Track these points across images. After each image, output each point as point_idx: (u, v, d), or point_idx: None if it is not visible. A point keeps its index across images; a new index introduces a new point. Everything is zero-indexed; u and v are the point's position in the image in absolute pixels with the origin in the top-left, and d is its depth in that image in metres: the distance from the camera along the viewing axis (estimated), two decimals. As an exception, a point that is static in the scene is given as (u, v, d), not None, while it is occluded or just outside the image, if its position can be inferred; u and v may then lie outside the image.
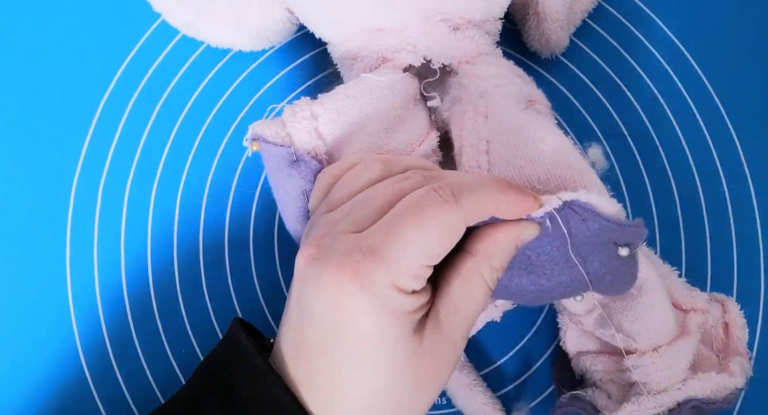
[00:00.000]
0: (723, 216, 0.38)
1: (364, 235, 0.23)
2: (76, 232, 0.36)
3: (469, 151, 0.30)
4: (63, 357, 0.35)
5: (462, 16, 0.32)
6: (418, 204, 0.24)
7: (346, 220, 0.25)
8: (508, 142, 0.30)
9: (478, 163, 0.30)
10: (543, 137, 0.29)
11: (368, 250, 0.23)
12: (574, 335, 0.34)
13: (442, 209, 0.23)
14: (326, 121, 0.30)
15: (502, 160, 0.30)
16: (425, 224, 0.23)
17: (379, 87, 0.31)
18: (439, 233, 0.23)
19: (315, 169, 0.28)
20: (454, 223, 0.24)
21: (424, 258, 0.23)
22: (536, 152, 0.29)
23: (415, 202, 0.24)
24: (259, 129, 0.29)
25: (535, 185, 0.29)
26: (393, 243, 0.23)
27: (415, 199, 0.24)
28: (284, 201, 0.29)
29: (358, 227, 0.24)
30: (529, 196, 0.25)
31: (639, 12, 0.40)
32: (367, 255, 0.23)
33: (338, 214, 0.26)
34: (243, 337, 0.25)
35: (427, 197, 0.24)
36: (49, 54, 0.38)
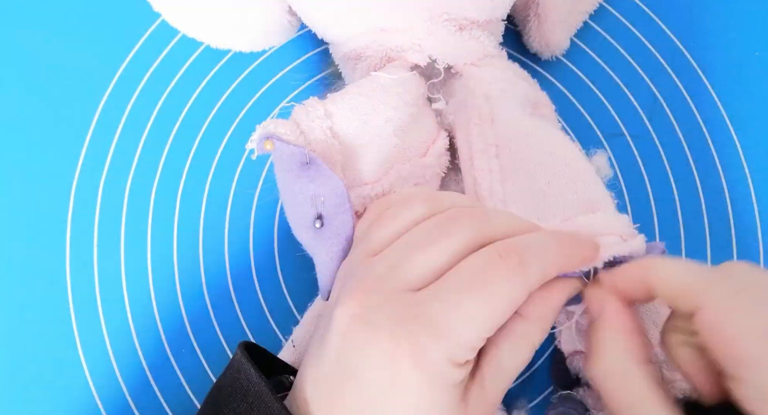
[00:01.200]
0: (723, 216, 0.38)
1: (419, 300, 0.22)
2: (76, 232, 0.36)
3: (479, 157, 0.30)
4: (63, 357, 0.35)
5: (467, 16, 0.32)
6: (483, 275, 0.22)
7: (394, 275, 0.23)
8: (517, 147, 0.30)
9: (490, 167, 0.30)
10: (550, 142, 0.30)
11: (425, 321, 0.21)
12: (569, 335, 0.34)
13: (510, 282, 0.22)
14: (340, 119, 0.29)
15: (511, 165, 0.30)
16: (490, 298, 0.22)
17: (391, 85, 0.30)
18: (504, 307, 0.22)
19: (326, 173, 0.27)
20: (520, 296, 0.22)
21: (484, 332, 0.22)
22: (545, 157, 0.29)
23: (479, 272, 0.22)
24: (272, 128, 0.28)
25: (545, 189, 0.29)
26: (453, 317, 0.21)
27: (478, 265, 0.22)
28: (291, 204, 0.28)
29: (409, 285, 0.23)
30: (590, 248, 0.24)
31: (639, 12, 0.40)
32: (425, 326, 0.21)
33: (382, 265, 0.24)
34: (252, 373, 0.24)
35: (493, 267, 0.22)
36: (50, 54, 0.38)
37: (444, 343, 0.21)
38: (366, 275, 0.24)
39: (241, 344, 0.26)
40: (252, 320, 0.36)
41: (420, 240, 0.24)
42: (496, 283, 0.22)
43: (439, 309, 0.21)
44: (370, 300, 0.22)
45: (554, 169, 0.29)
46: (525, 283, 0.22)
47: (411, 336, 0.21)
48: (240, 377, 0.24)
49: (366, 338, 0.22)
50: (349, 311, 0.22)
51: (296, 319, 0.36)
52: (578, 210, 0.29)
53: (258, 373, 0.24)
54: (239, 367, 0.25)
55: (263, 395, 0.23)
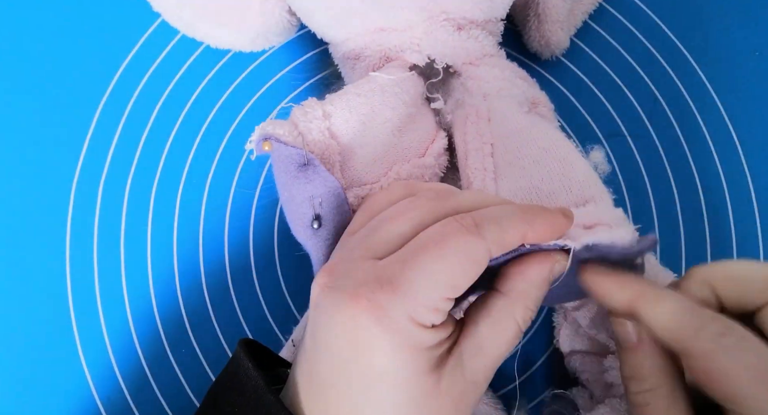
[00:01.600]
0: (723, 216, 0.38)
1: (381, 264, 0.22)
2: (76, 232, 0.36)
3: (474, 155, 0.30)
4: (63, 357, 0.35)
5: (465, 16, 0.32)
6: (438, 234, 0.22)
7: (362, 245, 0.24)
8: (512, 145, 0.30)
9: (484, 166, 0.30)
10: (546, 139, 0.30)
11: (385, 280, 0.22)
12: (567, 335, 0.34)
13: (464, 239, 0.22)
14: (339, 120, 0.29)
15: (506, 163, 0.30)
16: (446, 254, 0.22)
17: (390, 85, 0.30)
18: (461, 263, 0.22)
19: (323, 174, 0.27)
20: (477, 253, 0.22)
21: (444, 290, 0.22)
22: (540, 153, 0.29)
23: (435, 232, 0.22)
24: (271, 129, 0.28)
25: (540, 186, 0.29)
26: (411, 274, 0.21)
27: (436, 229, 0.23)
28: (289, 205, 0.28)
29: (375, 253, 0.23)
30: (558, 214, 0.24)
31: (639, 12, 0.40)
32: (384, 285, 0.21)
33: (355, 238, 0.25)
34: (250, 368, 0.24)
35: (448, 227, 0.22)
36: (49, 54, 0.38)
37: (402, 299, 0.21)
38: (340, 250, 0.25)
39: (241, 340, 0.26)
40: (252, 319, 0.36)
41: (389, 214, 0.24)
42: (451, 240, 0.22)
43: (398, 269, 0.22)
44: (337, 269, 0.23)
45: (549, 167, 0.29)
46: (481, 242, 0.22)
47: (371, 294, 0.21)
48: (239, 371, 0.25)
49: (331, 304, 0.22)
50: (319, 282, 0.23)
51: (296, 319, 0.36)
52: (572, 207, 0.29)
53: (256, 368, 0.24)
54: (239, 363, 0.25)
55: (259, 388, 0.23)
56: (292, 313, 0.36)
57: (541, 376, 0.36)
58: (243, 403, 0.24)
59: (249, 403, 0.24)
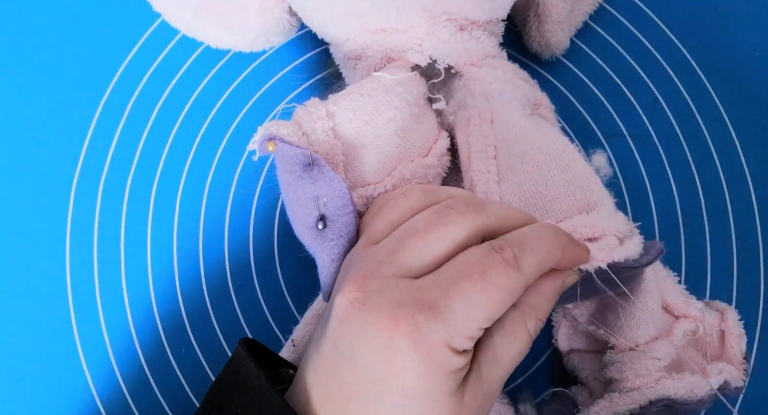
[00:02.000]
0: (723, 216, 0.38)
1: (418, 286, 0.22)
2: (76, 232, 0.36)
3: (478, 157, 0.30)
4: (63, 358, 0.35)
5: (467, 17, 0.32)
6: (480, 266, 0.23)
7: (392, 261, 0.23)
8: (515, 148, 0.30)
9: (488, 168, 0.30)
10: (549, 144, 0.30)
11: (425, 305, 0.22)
12: (565, 334, 0.34)
13: (506, 273, 0.22)
14: (342, 120, 0.29)
15: (509, 167, 0.30)
16: (487, 287, 0.22)
17: (393, 85, 0.30)
18: (501, 297, 0.22)
19: (328, 174, 0.27)
20: (517, 288, 0.23)
21: (482, 321, 0.22)
22: (543, 158, 0.29)
23: (477, 263, 0.23)
24: (275, 129, 0.27)
25: (543, 191, 0.29)
26: (452, 303, 0.22)
27: (477, 259, 0.23)
28: (293, 205, 0.28)
29: (408, 271, 0.23)
30: (583, 248, 0.25)
31: (639, 12, 0.40)
32: (423, 310, 0.22)
33: (381, 251, 0.24)
34: (252, 367, 0.24)
35: (489, 259, 0.23)
36: (49, 54, 0.38)
37: (442, 326, 0.22)
38: (366, 263, 0.24)
39: (241, 340, 0.26)
40: (252, 320, 0.36)
41: (418, 228, 0.24)
42: (494, 274, 0.22)
43: (438, 295, 0.22)
44: (369, 285, 0.23)
45: (552, 172, 0.29)
46: (521, 274, 0.23)
47: (410, 317, 0.21)
48: (240, 371, 0.25)
49: (364, 321, 0.22)
50: (348, 296, 0.23)
51: (296, 319, 0.36)
52: (575, 212, 0.29)
53: (258, 367, 0.24)
54: (239, 362, 0.25)
55: (263, 388, 0.23)
56: (292, 313, 0.36)
57: (544, 373, 0.36)
58: (246, 403, 0.24)
59: (252, 403, 0.24)
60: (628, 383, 0.30)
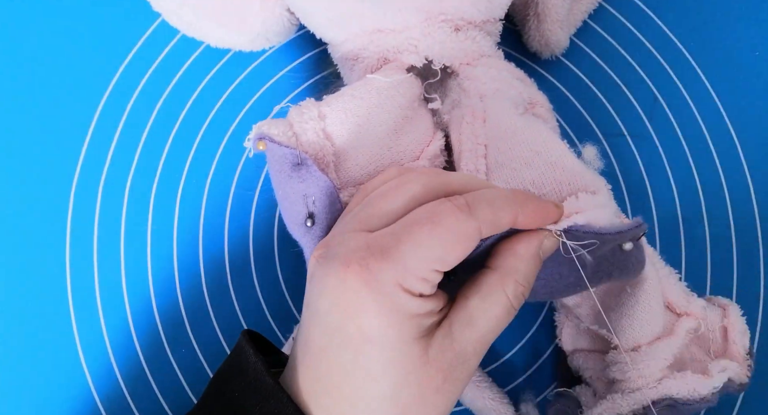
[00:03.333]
0: (723, 216, 0.38)
1: (374, 235, 0.23)
2: (76, 232, 0.36)
3: (467, 156, 0.30)
4: (63, 358, 0.35)
5: (463, 17, 0.32)
6: (431, 211, 0.23)
7: (356, 219, 0.25)
8: (505, 147, 0.30)
9: (476, 167, 0.30)
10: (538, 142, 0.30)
11: (377, 248, 0.22)
12: (569, 333, 0.34)
13: (457, 218, 0.23)
14: (334, 121, 0.29)
15: (498, 164, 0.30)
16: (437, 230, 0.22)
17: (386, 87, 0.31)
18: (451, 239, 0.23)
19: (315, 174, 0.28)
20: (468, 231, 0.23)
21: (433, 262, 0.23)
22: (531, 156, 0.29)
23: (428, 210, 0.23)
24: (266, 128, 0.28)
25: (530, 188, 0.29)
26: (402, 244, 0.22)
27: (429, 208, 0.23)
28: (284, 203, 0.29)
29: (368, 225, 0.24)
30: (549, 204, 0.25)
31: (639, 12, 0.40)
32: (374, 253, 0.22)
33: (349, 215, 0.25)
34: (251, 353, 0.25)
35: (441, 206, 0.23)
36: (50, 54, 0.38)
37: (392, 265, 0.22)
38: (336, 227, 0.26)
39: (244, 331, 0.27)
40: (251, 319, 0.36)
41: (381, 190, 0.25)
42: (444, 216, 0.23)
43: (389, 239, 0.23)
44: (332, 241, 0.24)
45: (539, 170, 0.29)
46: (472, 218, 0.23)
47: (361, 260, 0.22)
48: (240, 358, 0.25)
49: (324, 272, 0.23)
50: (315, 254, 0.24)
51: (296, 318, 0.36)
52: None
53: (256, 353, 0.25)
54: (240, 350, 0.25)
55: (259, 372, 0.24)
56: (291, 312, 0.36)
57: (547, 372, 0.36)
58: (244, 387, 0.24)
59: (249, 387, 0.24)
60: (630, 384, 0.30)
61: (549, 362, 0.36)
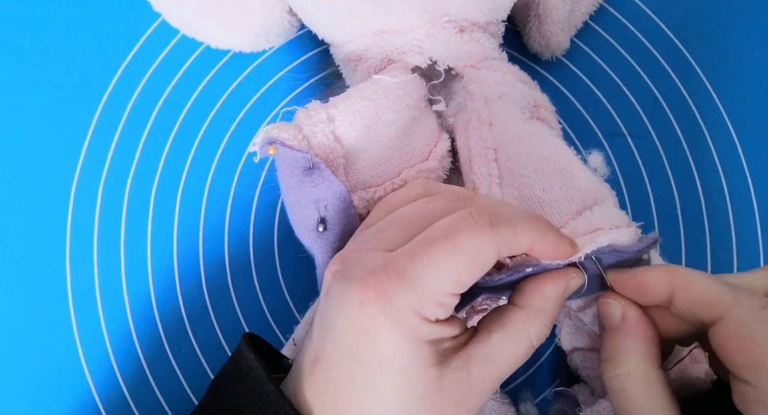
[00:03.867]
0: (723, 216, 0.38)
1: (392, 255, 0.23)
2: (76, 232, 0.36)
3: (478, 161, 0.30)
4: (63, 357, 0.35)
5: (467, 18, 0.32)
6: (451, 228, 0.22)
7: (376, 237, 0.24)
8: (513, 152, 0.30)
9: (489, 171, 0.30)
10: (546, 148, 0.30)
11: (394, 271, 0.22)
12: (568, 333, 0.34)
13: (476, 235, 0.22)
14: (343, 123, 0.29)
15: (508, 170, 0.30)
16: (455, 249, 0.22)
17: (393, 88, 0.30)
18: (470, 260, 0.22)
19: (329, 178, 0.27)
20: (486, 251, 0.22)
21: (450, 285, 0.22)
22: (540, 162, 0.29)
23: (448, 226, 0.22)
24: (275, 132, 0.28)
25: (540, 195, 0.29)
26: (419, 267, 0.22)
27: (449, 222, 0.23)
28: (294, 208, 0.28)
29: (389, 245, 0.23)
30: (566, 240, 0.24)
31: (639, 12, 0.40)
32: (391, 276, 0.22)
33: (370, 231, 0.25)
34: (252, 358, 0.24)
35: (461, 221, 0.22)
36: (50, 54, 0.38)
37: (409, 291, 0.22)
38: (353, 241, 0.25)
39: (244, 334, 0.26)
40: (251, 319, 0.36)
41: (406, 210, 0.25)
42: (462, 235, 0.22)
43: (406, 261, 0.22)
44: (350, 258, 0.24)
45: (549, 176, 0.29)
46: (491, 238, 0.22)
47: (378, 284, 0.22)
48: (241, 363, 0.25)
49: (341, 290, 0.23)
50: (331, 269, 0.24)
51: (296, 319, 0.36)
52: (573, 216, 0.29)
53: (257, 358, 0.24)
54: (241, 354, 0.25)
55: (260, 378, 0.24)
56: (292, 313, 0.36)
57: (546, 372, 0.36)
58: (244, 393, 0.24)
59: (250, 393, 0.24)
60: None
61: (548, 362, 0.36)
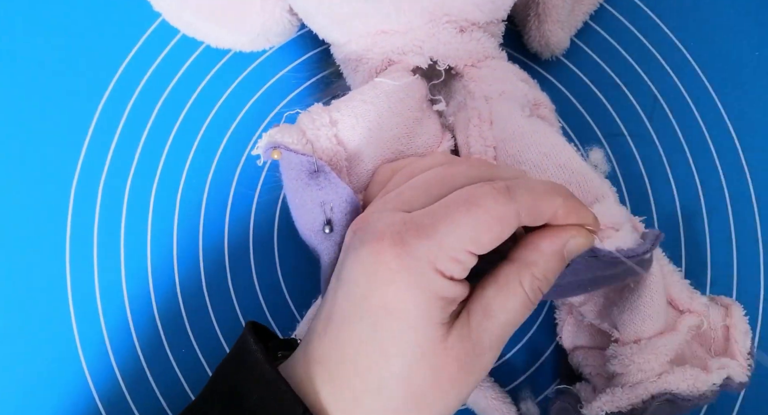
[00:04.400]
0: (723, 216, 0.38)
1: (412, 214, 0.23)
2: (76, 232, 0.36)
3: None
4: (63, 358, 0.35)
5: (467, 18, 0.32)
6: (471, 194, 0.23)
7: (397, 198, 0.25)
8: (513, 149, 0.30)
9: None
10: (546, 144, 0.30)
11: (413, 225, 0.22)
12: (569, 331, 0.35)
13: (495, 200, 0.22)
14: (346, 127, 0.29)
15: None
16: (475, 210, 0.22)
17: (395, 91, 0.31)
18: (489, 221, 0.22)
19: (334, 181, 0.27)
20: (506, 215, 0.23)
21: (468, 243, 0.22)
22: (540, 158, 0.29)
23: (469, 192, 0.23)
24: (279, 137, 0.28)
25: None
26: (440, 223, 0.22)
27: (470, 190, 0.23)
28: (299, 210, 0.28)
29: (409, 206, 0.24)
30: (589, 210, 0.24)
31: (639, 12, 0.40)
32: (411, 229, 0.22)
33: (391, 195, 0.25)
34: (251, 342, 0.25)
35: (480, 188, 0.23)
36: (49, 54, 0.38)
37: (426, 242, 0.22)
38: (376, 203, 0.25)
39: (248, 322, 0.27)
40: (251, 318, 0.36)
41: (427, 176, 0.25)
42: (482, 198, 0.23)
43: (426, 218, 0.23)
44: (371, 217, 0.24)
45: (549, 172, 0.29)
46: (510, 202, 0.23)
47: (396, 235, 0.22)
48: (241, 348, 0.25)
49: (359, 245, 0.23)
50: (352, 228, 0.24)
51: (296, 318, 0.36)
52: None
53: (257, 341, 0.25)
54: (243, 340, 0.25)
55: (258, 360, 0.24)
56: (291, 312, 0.36)
57: (548, 370, 0.36)
58: (244, 376, 0.24)
59: (249, 375, 0.24)
60: (630, 377, 0.30)
61: (549, 361, 0.36)
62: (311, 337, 0.24)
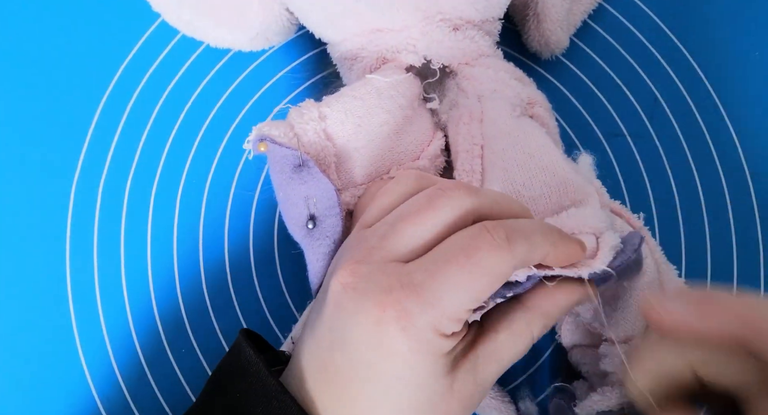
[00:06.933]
0: (723, 216, 0.38)
1: (407, 270, 0.23)
2: (76, 232, 0.36)
3: (463, 156, 0.31)
4: (63, 358, 0.35)
5: (461, 16, 0.32)
6: (469, 246, 0.22)
7: (383, 246, 0.24)
8: (499, 147, 0.30)
9: (472, 167, 0.30)
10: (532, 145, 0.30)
11: (411, 288, 0.22)
12: (568, 329, 0.35)
13: (496, 255, 0.22)
14: (334, 122, 0.29)
15: (492, 165, 0.30)
16: (475, 269, 0.22)
17: (386, 88, 0.31)
18: (489, 278, 0.22)
19: (317, 175, 0.28)
20: (505, 269, 0.23)
21: (469, 303, 0.22)
22: (524, 158, 0.30)
23: (466, 244, 0.23)
24: (267, 130, 0.28)
25: (521, 190, 0.29)
26: (439, 285, 0.22)
27: (466, 240, 0.23)
28: (284, 204, 0.29)
29: (398, 256, 0.23)
30: (577, 245, 0.25)
31: (639, 12, 0.40)
32: (410, 294, 0.22)
33: (373, 236, 0.24)
34: (251, 354, 0.25)
35: (479, 240, 0.23)
36: (50, 54, 0.38)
37: (429, 311, 0.22)
38: (359, 247, 0.24)
39: (241, 330, 0.27)
40: (251, 319, 0.36)
41: (409, 212, 0.24)
42: (481, 254, 0.22)
43: (424, 278, 0.22)
44: (360, 270, 0.23)
45: (531, 173, 0.30)
46: (510, 257, 0.22)
47: (397, 303, 0.22)
48: (240, 358, 0.25)
49: (355, 306, 0.23)
50: (341, 281, 0.23)
51: (296, 318, 0.36)
52: (548, 214, 0.30)
53: (256, 353, 0.25)
54: (239, 350, 0.26)
55: (261, 373, 0.24)
56: (291, 312, 0.36)
57: (547, 370, 0.36)
58: (246, 388, 0.24)
59: (252, 387, 0.24)
60: (621, 376, 0.30)
61: (549, 361, 0.36)
62: (303, 376, 0.24)
